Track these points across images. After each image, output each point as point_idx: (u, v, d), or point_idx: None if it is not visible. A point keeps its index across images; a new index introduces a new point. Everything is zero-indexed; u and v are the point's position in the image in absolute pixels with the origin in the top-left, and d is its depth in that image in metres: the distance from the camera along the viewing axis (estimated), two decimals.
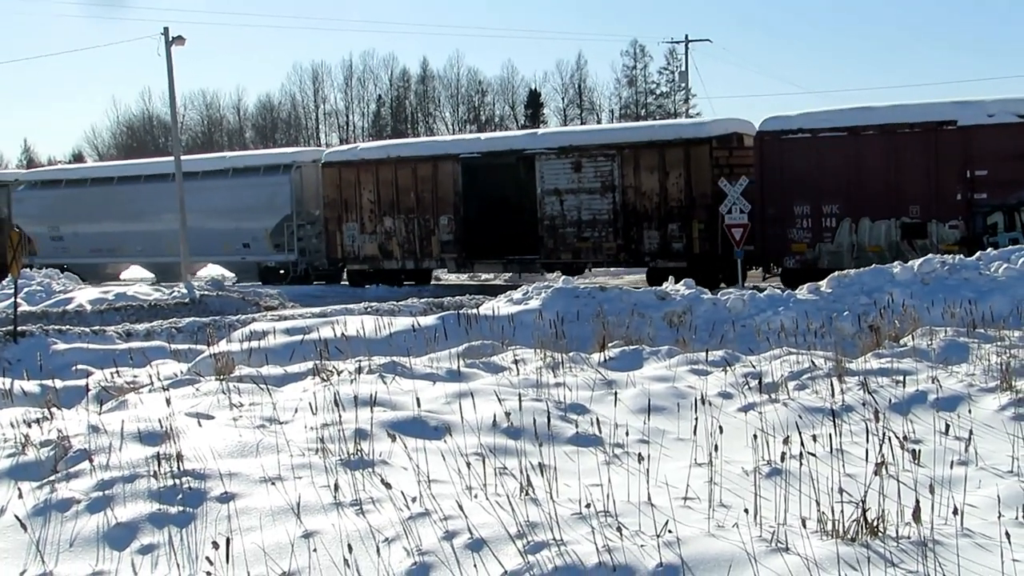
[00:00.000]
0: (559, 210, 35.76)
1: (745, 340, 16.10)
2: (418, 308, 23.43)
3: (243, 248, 43.08)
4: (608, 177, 34.89)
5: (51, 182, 49.89)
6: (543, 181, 35.93)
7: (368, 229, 39.70)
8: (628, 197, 34.61)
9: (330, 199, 40.55)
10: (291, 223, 41.58)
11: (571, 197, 35.49)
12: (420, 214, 38.52)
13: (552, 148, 36.01)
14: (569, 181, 35.52)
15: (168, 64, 38.02)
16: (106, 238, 46.36)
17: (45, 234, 47.44)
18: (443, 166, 37.97)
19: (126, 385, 13.16)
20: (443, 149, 39.26)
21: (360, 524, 7.68)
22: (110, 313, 27.22)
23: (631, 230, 34.67)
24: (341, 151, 43.29)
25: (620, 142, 35.22)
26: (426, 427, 10.12)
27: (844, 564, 6.56)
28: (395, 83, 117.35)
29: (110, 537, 7.90)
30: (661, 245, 34.08)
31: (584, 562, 6.75)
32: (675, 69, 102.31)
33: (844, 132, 30.92)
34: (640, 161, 34.38)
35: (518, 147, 37.11)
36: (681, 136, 34.23)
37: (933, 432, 9.51)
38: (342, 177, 40.12)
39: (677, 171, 33.72)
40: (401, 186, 38.83)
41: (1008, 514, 7.22)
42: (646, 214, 34.37)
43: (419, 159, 38.74)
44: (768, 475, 8.52)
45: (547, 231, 36.09)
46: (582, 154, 35.37)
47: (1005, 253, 20.42)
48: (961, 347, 13.16)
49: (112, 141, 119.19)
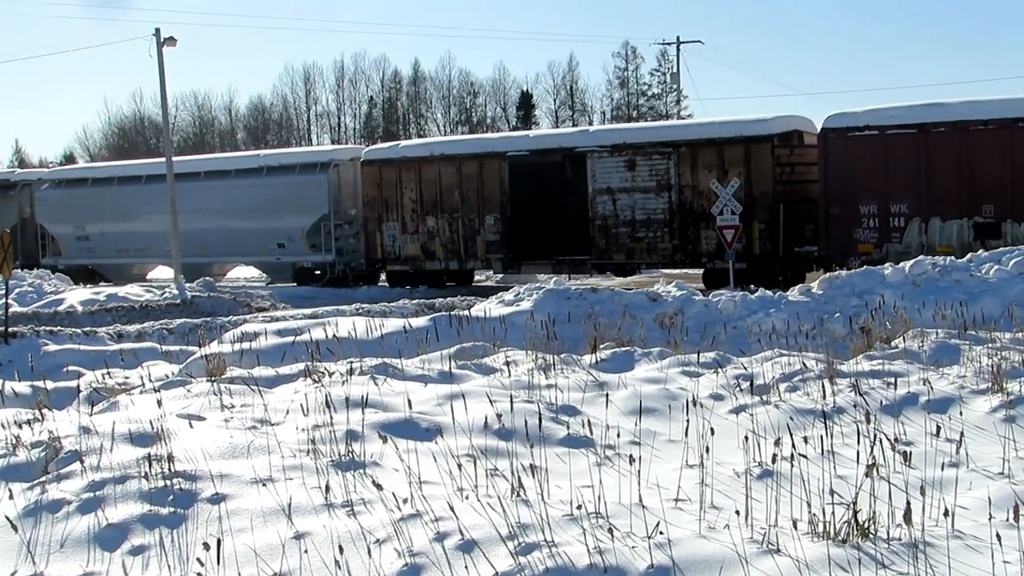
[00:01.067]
0: (612, 209, 34.68)
1: (736, 342, 16.10)
2: (409, 309, 23.42)
3: (277, 248, 41.70)
4: (664, 176, 33.83)
5: (76, 180, 48.41)
6: (595, 180, 34.85)
7: (410, 229, 38.58)
8: (685, 196, 33.56)
9: (369, 198, 39.46)
10: (328, 223, 40.12)
11: (624, 196, 34.42)
12: (464, 213, 37.45)
13: (605, 146, 34.92)
14: (622, 180, 34.45)
15: (160, 65, 37.88)
16: (134, 238, 45.09)
17: (70, 234, 46.74)
18: (489, 164, 36.94)
19: (117, 386, 13.15)
20: (489, 147, 38.11)
21: (351, 525, 7.68)
22: (101, 314, 27.16)
23: (688, 230, 33.63)
24: (382, 149, 41.99)
25: (677, 140, 34.14)
26: (417, 428, 10.12)
27: (835, 566, 6.57)
28: (387, 84, 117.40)
29: (101, 538, 7.89)
30: (718, 246, 32.21)
31: (575, 563, 6.76)
32: (667, 71, 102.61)
33: (914, 129, 29.86)
34: (698, 159, 33.37)
35: (568, 145, 36.01)
36: (741, 133, 32.99)
37: (924, 434, 9.53)
38: (382, 175, 39.05)
39: (737, 169, 32.52)
40: (445, 185, 37.79)
41: (999, 516, 7.23)
42: (704, 214, 32.76)
43: (464, 157, 37.69)
44: (759, 477, 8.53)
45: (599, 231, 34.96)
46: (636, 152, 34.31)
47: (996, 255, 20.43)
48: (952, 349, 13.17)
49: (104, 142, 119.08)
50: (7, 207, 49.13)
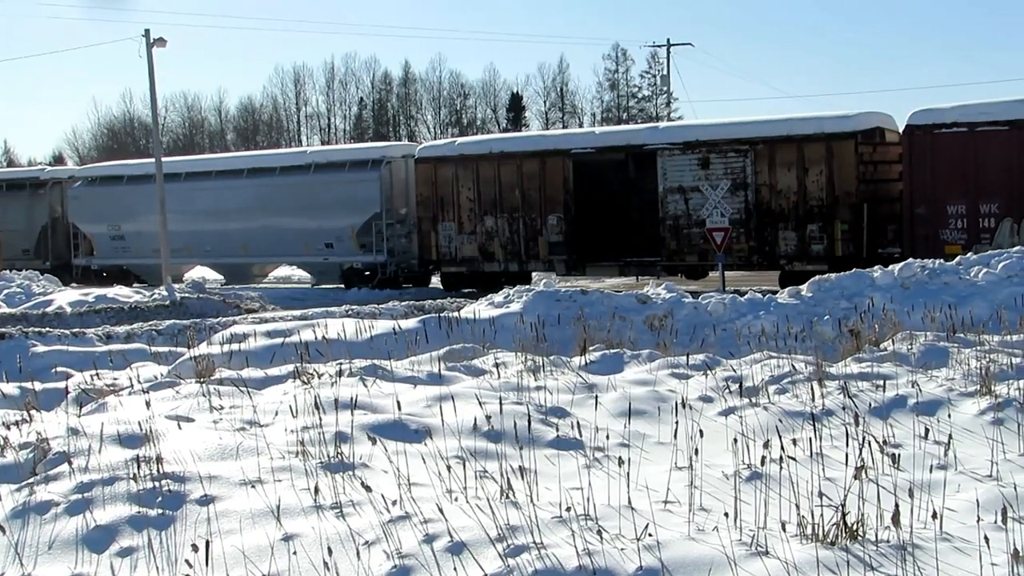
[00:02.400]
0: (683, 209, 33.74)
1: (726, 344, 16.11)
2: (399, 311, 23.41)
3: (325, 248, 40.41)
4: (740, 174, 32.88)
5: (111, 178, 46.79)
6: (665, 178, 33.90)
7: (467, 229, 37.54)
8: (762, 195, 32.66)
9: (424, 197, 38.38)
10: (380, 222, 38.98)
11: (697, 195, 33.45)
12: (525, 213, 36.49)
13: (676, 143, 34.01)
14: (695, 178, 33.52)
15: (149, 66, 37.83)
16: (172, 237, 42.49)
17: (104, 234, 45.64)
18: (552, 162, 35.97)
19: (106, 387, 13.12)
20: (552, 144, 36.98)
21: (340, 527, 7.68)
22: (90, 315, 27.11)
23: (765, 231, 32.72)
24: (437, 146, 41.32)
25: (754, 137, 33.05)
26: (407, 430, 10.12)
27: (823, 568, 6.58)
28: (377, 86, 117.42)
29: (89, 540, 7.87)
30: (799, 247, 32.06)
31: (564, 565, 6.76)
32: (657, 73, 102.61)
33: (1005, 126, 28.94)
34: (776, 157, 32.46)
35: (637, 142, 35.09)
36: (823, 130, 32.01)
37: (913, 436, 9.53)
38: (438, 174, 37.98)
39: (818, 168, 31.81)
40: (504, 183, 36.79)
41: (987, 518, 7.24)
42: (782, 213, 32.41)
43: (525, 155, 36.68)
44: (748, 479, 8.54)
45: (669, 231, 33.97)
46: (710, 149, 33.41)
47: (985, 258, 20.46)
48: (941, 352, 13.19)
49: (93, 143, 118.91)
50: (37, 206, 48.30)
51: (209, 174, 43.86)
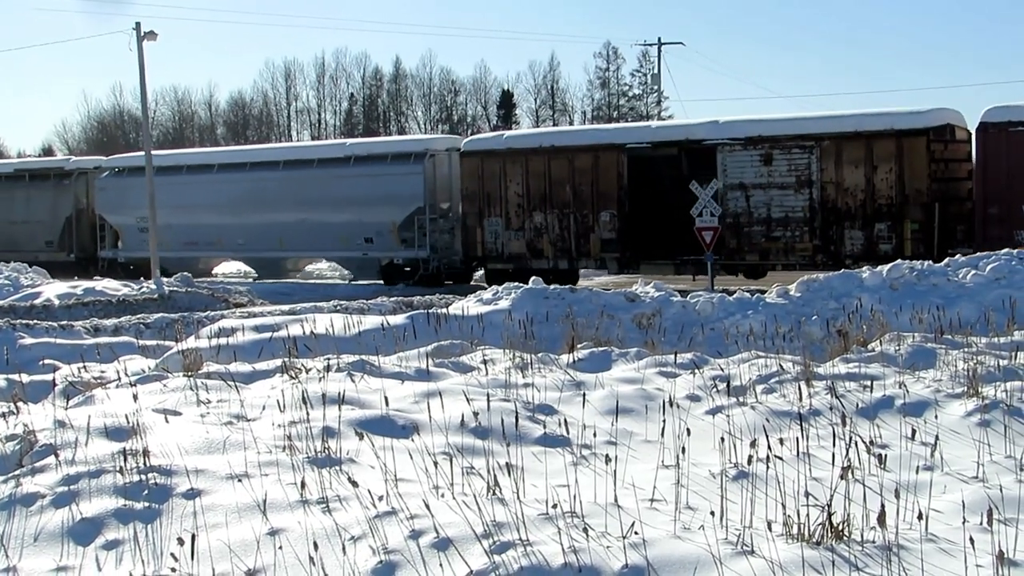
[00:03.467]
0: (744, 206, 33.12)
1: (714, 343, 16.13)
2: (387, 307, 23.40)
3: (364, 243, 39.75)
4: (804, 171, 32.26)
5: (140, 169, 43.96)
6: (726, 174, 33.22)
7: (514, 225, 36.78)
8: (827, 193, 32.00)
9: (470, 191, 37.64)
10: (423, 216, 38.34)
11: (759, 192, 32.90)
12: (577, 209, 35.70)
13: (738, 138, 33.36)
14: (757, 175, 32.90)
15: (140, 59, 37.75)
16: (203, 230, 43.15)
17: (132, 226, 44.56)
18: (606, 157, 35.23)
19: (93, 380, 13.09)
20: (606, 138, 36.35)
21: (326, 522, 7.67)
22: (78, 308, 27.08)
23: (830, 229, 32.07)
24: (485, 139, 40.44)
25: (820, 132, 32.43)
26: (394, 426, 10.11)
27: (809, 568, 6.59)
28: (367, 82, 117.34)
29: (75, 532, 7.86)
30: (865, 246, 31.26)
31: (550, 563, 6.76)
32: (648, 71, 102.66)
33: None
34: (843, 153, 31.83)
35: (696, 137, 34.38)
36: (893, 126, 31.37)
37: (899, 437, 9.55)
38: (484, 167, 37.24)
39: (887, 165, 31.22)
40: (555, 178, 36.01)
41: (972, 519, 7.25)
42: (848, 212, 31.78)
43: (577, 149, 35.92)
44: (735, 478, 8.55)
45: (729, 230, 33.07)
46: (773, 145, 32.71)
47: (974, 260, 20.51)
48: (928, 353, 13.21)
49: (83, 136, 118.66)
50: (62, 197, 47.61)
51: (243, 165, 43.19)
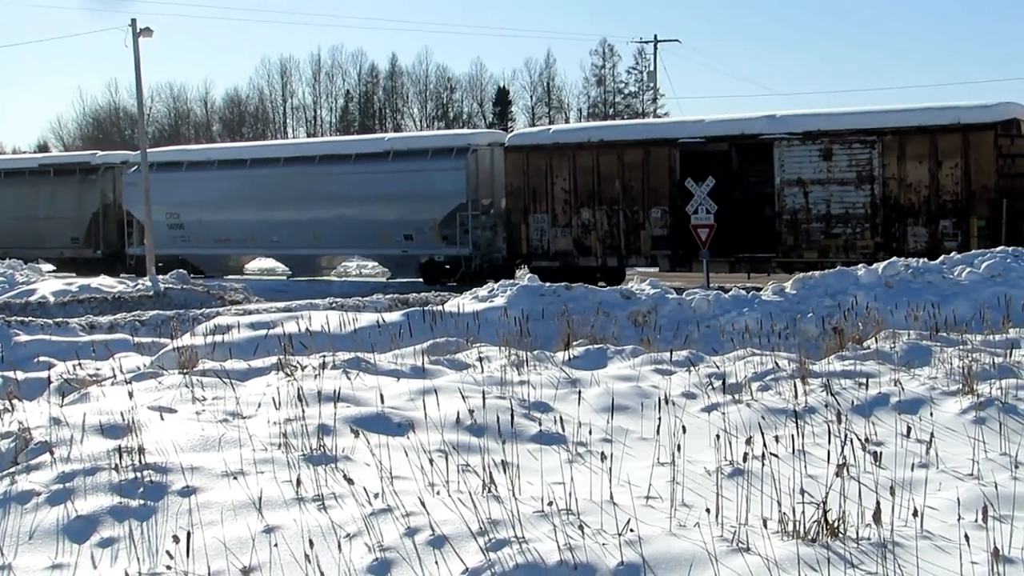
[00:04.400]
0: (803, 203, 32.20)
1: (709, 340, 16.13)
2: (383, 304, 23.39)
3: (404, 240, 38.67)
4: (866, 166, 31.36)
5: (170, 164, 44.64)
6: (783, 170, 32.41)
7: (561, 222, 35.75)
8: (889, 189, 31.15)
9: (514, 187, 36.54)
10: (465, 213, 37.40)
11: (818, 188, 31.98)
12: (626, 206, 34.63)
13: (795, 133, 32.43)
14: (816, 170, 31.96)
15: (135, 56, 37.67)
16: (235, 227, 41.90)
17: (162, 222, 42.72)
18: (657, 152, 34.25)
19: (88, 377, 13.07)
20: (658, 133, 35.31)
21: (322, 520, 7.67)
22: (73, 305, 27.06)
23: (892, 226, 31.17)
24: (530, 133, 39.45)
25: (882, 127, 31.48)
26: (389, 423, 10.11)
27: (804, 565, 6.59)
28: (363, 78, 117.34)
29: (70, 530, 7.86)
30: (929, 244, 30.04)
31: (546, 560, 6.76)
32: (644, 69, 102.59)
33: None
34: (906, 148, 30.95)
35: (751, 131, 33.29)
36: (960, 120, 30.43)
37: (895, 434, 9.57)
38: (530, 163, 36.15)
39: (952, 160, 30.35)
40: (604, 174, 34.94)
41: (967, 517, 7.26)
42: (911, 208, 30.97)
43: (627, 144, 34.85)
44: (730, 475, 8.55)
45: (787, 226, 32.46)
46: (833, 140, 31.79)
47: (968, 257, 20.53)
48: (924, 350, 13.22)
49: (78, 132, 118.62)
50: (88, 192, 46.72)
51: (277, 160, 42.16)
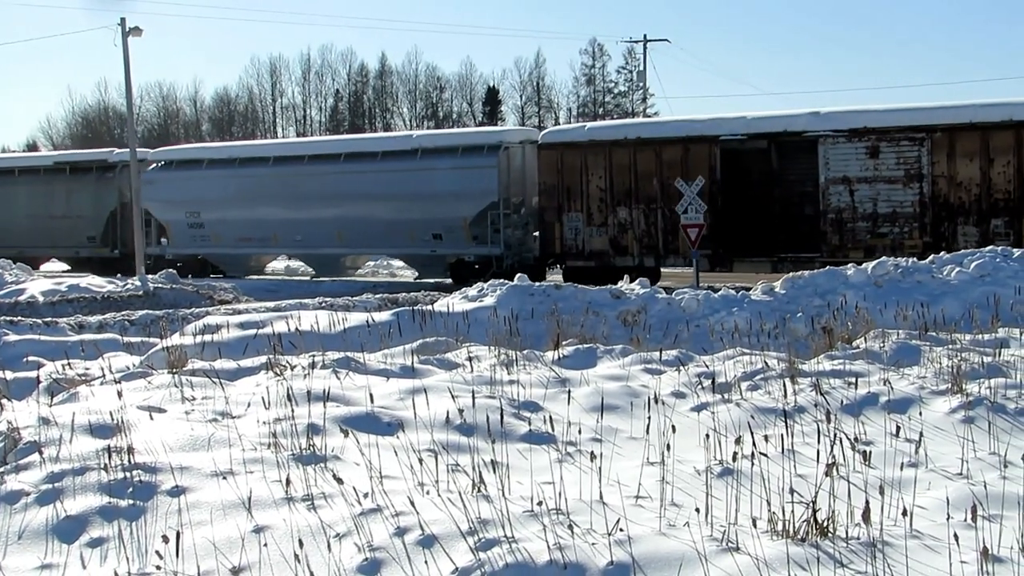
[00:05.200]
0: (848, 201, 31.62)
1: (699, 340, 16.14)
2: (373, 304, 23.37)
3: (433, 240, 37.92)
4: (914, 164, 30.82)
5: (190, 162, 44.16)
6: (828, 168, 31.79)
7: (596, 221, 35.11)
8: (939, 187, 30.59)
9: (548, 185, 35.87)
10: (497, 212, 36.49)
11: (864, 187, 31.40)
12: (665, 204, 33.76)
13: (841, 130, 31.82)
14: (862, 168, 31.40)
15: (125, 55, 37.62)
16: (258, 226, 41.14)
17: (182, 221, 43.07)
18: (697, 149, 33.63)
19: (78, 377, 13.05)
20: (697, 130, 34.32)
21: (311, 519, 7.67)
22: (63, 305, 27.01)
23: (941, 225, 30.66)
24: (565, 131, 38.66)
25: (931, 124, 30.89)
26: (379, 423, 10.11)
27: (794, 564, 6.60)
28: (353, 78, 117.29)
29: (59, 530, 7.84)
30: (980, 243, 28.34)
31: (535, 560, 6.76)
32: (633, 69, 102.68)
33: None
34: (956, 146, 30.41)
35: (795, 129, 32.64)
36: (1012, 117, 29.88)
37: (884, 434, 9.58)
38: (564, 161, 35.48)
39: (1005, 158, 29.75)
40: (641, 172, 34.28)
41: (956, 516, 7.27)
42: (961, 207, 30.43)
43: (665, 141, 34.22)
44: (720, 475, 8.56)
45: (832, 225, 31.90)
46: (880, 137, 31.23)
47: (958, 257, 20.56)
48: (913, 350, 13.24)
49: (67, 131, 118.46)
50: (105, 190, 45.87)
51: (301, 158, 41.63)
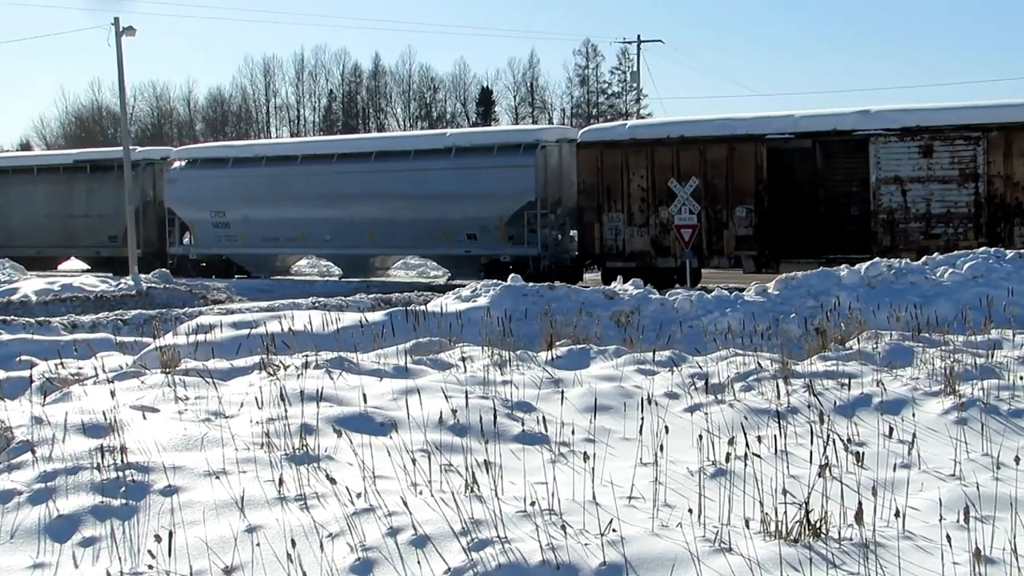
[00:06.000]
0: (900, 201, 31.00)
1: (692, 341, 16.15)
2: (366, 304, 23.36)
3: (467, 240, 37.21)
4: (969, 164, 30.18)
5: (215, 160, 43.07)
6: (879, 167, 31.15)
7: (637, 221, 34.32)
8: (995, 187, 29.95)
9: (587, 185, 35.09)
10: (533, 212, 35.83)
11: (917, 187, 30.78)
12: (709, 204, 33.16)
13: (893, 129, 31.17)
14: (915, 168, 30.79)
15: (118, 55, 37.53)
16: (285, 225, 40.39)
17: (207, 220, 42.07)
18: (743, 148, 32.93)
19: (70, 377, 13.04)
20: (743, 128, 33.53)
21: (304, 519, 7.67)
22: (56, 304, 27.00)
23: (997, 226, 29.96)
24: (604, 129, 37.63)
25: (987, 122, 30.22)
26: (372, 423, 10.11)
27: (787, 565, 6.60)
28: (347, 78, 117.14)
29: (52, 529, 7.84)
30: None
31: (528, 560, 6.76)
32: (627, 69, 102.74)
33: None
34: (1013, 145, 29.74)
35: (844, 127, 32.00)
36: None
37: (877, 435, 9.59)
38: (604, 160, 34.72)
39: None
40: (684, 171, 33.15)
41: (949, 517, 7.28)
42: (1018, 207, 29.88)
43: (709, 140, 33.56)
44: (713, 475, 8.56)
45: (883, 226, 31.21)
46: (934, 136, 30.61)
47: (951, 258, 20.57)
48: (906, 351, 13.25)
49: (61, 131, 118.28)
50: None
51: (331, 157, 40.83)
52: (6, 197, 47.44)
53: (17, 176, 47.88)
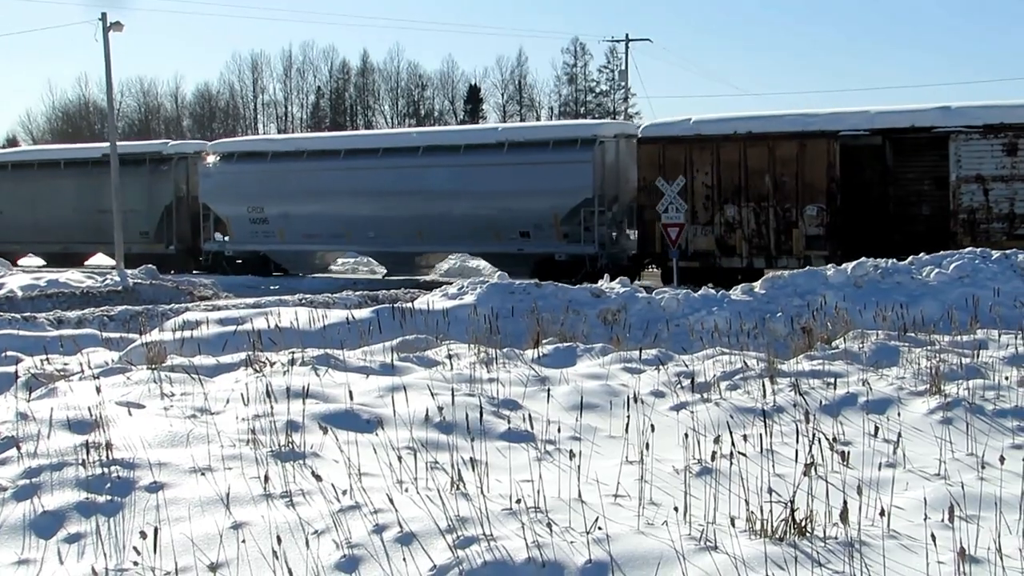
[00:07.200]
0: (982, 201, 30.15)
1: (679, 339, 16.16)
2: (353, 301, 23.34)
3: (520, 238, 36.18)
4: None
5: (252, 154, 42.25)
6: (959, 165, 30.33)
7: (701, 219, 33.48)
8: None
9: (648, 182, 33.67)
10: (590, 209, 34.82)
11: (1000, 185, 29.90)
12: (778, 203, 32.47)
13: (975, 126, 30.26)
14: (998, 166, 29.91)
15: (105, 50, 37.49)
16: (327, 222, 39.52)
17: (243, 216, 41.14)
18: (814, 145, 32.03)
19: (56, 372, 13.02)
20: (815, 124, 32.60)
21: (290, 516, 7.66)
22: (41, 300, 26.96)
23: None
24: (667, 124, 35.77)
25: None
26: (358, 420, 10.10)
27: (772, 563, 6.61)
28: (334, 75, 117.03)
29: (36, 525, 7.82)
30: None
31: (514, 558, 6.76)
32: (615, 68, 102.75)
33: None
34: None
35: (923, 124, 31.11)
36: None
37: (862, 434, 9.61)
38: (666, 156, 33.76)
39: None
40: (751, 168, 32.72)
41: (934, 516, 7.29)
42: None
43: (779, 136, 32.60)
44: (698, 474, 8.57)
45: (963, 226, 30.36)
46: (1018, 134, 29.71)
47: (937, 258, 20.61)
48: (892, 350, 13.27)
49: (47, 126, 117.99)
50: (159, 184, 43.78)
51: (376, 151, 39.72)
52: (32, 191, 46.41)
53: (43, 170, 46.91)
